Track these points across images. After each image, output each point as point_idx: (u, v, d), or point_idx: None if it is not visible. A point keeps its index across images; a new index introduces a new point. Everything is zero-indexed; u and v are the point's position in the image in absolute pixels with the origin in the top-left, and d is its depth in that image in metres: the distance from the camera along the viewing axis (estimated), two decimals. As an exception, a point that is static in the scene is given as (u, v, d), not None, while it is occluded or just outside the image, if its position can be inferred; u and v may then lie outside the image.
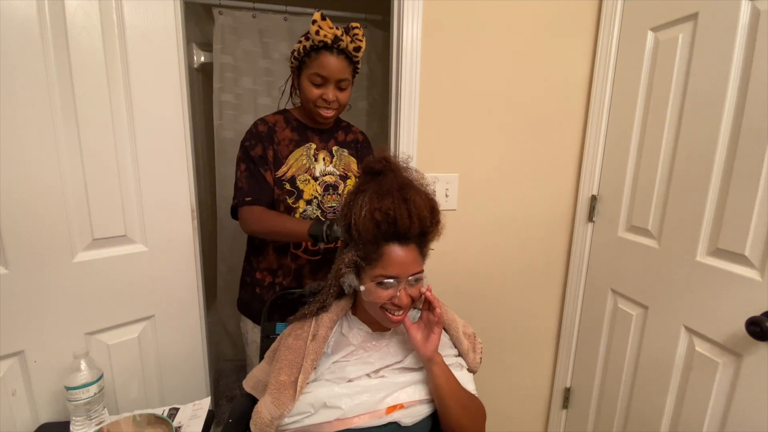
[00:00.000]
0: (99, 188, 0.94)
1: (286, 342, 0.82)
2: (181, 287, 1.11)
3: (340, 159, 1.17)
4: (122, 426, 0.88)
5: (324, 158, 1.15)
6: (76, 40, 0.87)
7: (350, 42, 1.01)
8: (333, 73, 1.02)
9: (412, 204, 0.72)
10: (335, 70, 1.02)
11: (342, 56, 1.02)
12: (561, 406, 1.53)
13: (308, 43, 1.00)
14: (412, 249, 0.75)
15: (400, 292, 0.75)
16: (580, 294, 1.42)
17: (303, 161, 1.11)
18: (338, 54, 1.01)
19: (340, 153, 1.18)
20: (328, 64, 1.01)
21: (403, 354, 0.82)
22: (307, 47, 1.01)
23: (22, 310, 0.87)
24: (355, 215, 0.74)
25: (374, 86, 2.10)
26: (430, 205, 0.76)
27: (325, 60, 1.00)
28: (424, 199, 0.76)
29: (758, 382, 0.84)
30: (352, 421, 0.74)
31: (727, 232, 0.91)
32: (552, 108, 1.33)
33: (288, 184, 1.09)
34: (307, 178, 1.11)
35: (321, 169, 1.13)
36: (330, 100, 1.04)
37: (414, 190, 0.75)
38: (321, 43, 0.99)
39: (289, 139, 1.11)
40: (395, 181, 0.76)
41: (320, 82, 1.03)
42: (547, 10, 1.25)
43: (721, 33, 0.92)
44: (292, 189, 1.09)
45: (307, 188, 1.10)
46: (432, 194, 0.80)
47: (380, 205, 0.72)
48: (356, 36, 1.01)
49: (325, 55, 1.00)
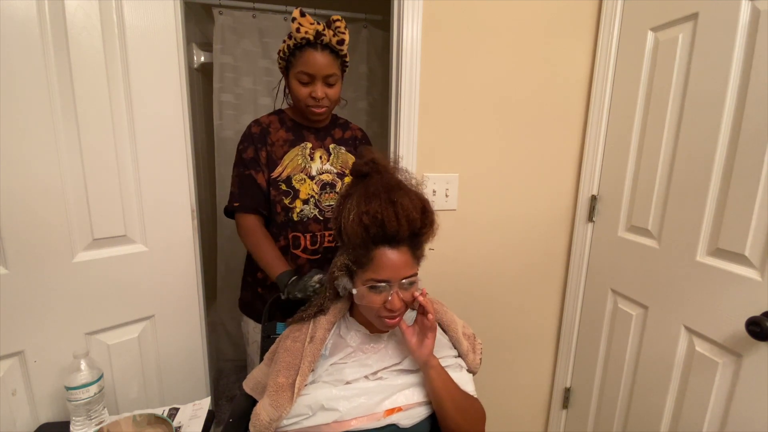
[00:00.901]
0: (99, 188, 0.94)
1: (284, 344, 0.82)
2: (181, 287, 1.11)
3: (337, 157, 1.17)
4: (122, 426, 0.88)
5: (321, 156, 1.14)
6: (76, 40, 0.87)
7: (333, 36, 0.99)
8: (319, 69, 1.01)
9: (400, 206, 0.71)
10: (321, 66, 1.01)
11: (326, 51, 1.01)
12: (561, 406, 1.53)
13: (291, 41, 1.00)
14: (403, 252, 0.74)
15: (393, 296, 0.73)
16: (580, 294, 1.42)
17: (298, 161, 1.11)
18: (322, 49, 1.00)
19: (338, 151, 1.17)
20: (312, 60, 1.00)
21: (401, 356, 0.82)
22: (291, 46, 1.00)
23: (22, 310, 0.87)
24: (344, 219, 0.73)
25: (374, 86, 2.10)
26: (420, 206, 0.75)
27: (309, 57, 0.99)
28: (413, 199, 0.74)
29: (758, 382, 0.84)
30: (350, 423, 0.73)
31: (727, 232, 0.91)
32: (552, 108, 1.33)
33: (284, 185, 1.09)
34: (303, 177, 1.11)
35: (317, 167, 1.13)
36: (319, 97, 1.03)
37: (402, 191, 0.74)
38: (303, 41, 0.98)
39: (284, 140, 1.11)
40: (382, 182, 0.75)
41: (307, 80, 1.02)
42: (547, 10, 1.25)
43: (721, 33, 0.92)
44: (288, 189, 1.09)
45: (303, 187, 1.10)
46: (423, 194, 0.78)
47: (367, 208, 0.71)
48: (338, 29, 1.00)
49: (309, 52, 0.99)
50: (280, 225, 1.11)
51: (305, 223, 1.11)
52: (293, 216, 1.10)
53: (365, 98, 2.10)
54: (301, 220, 1.10)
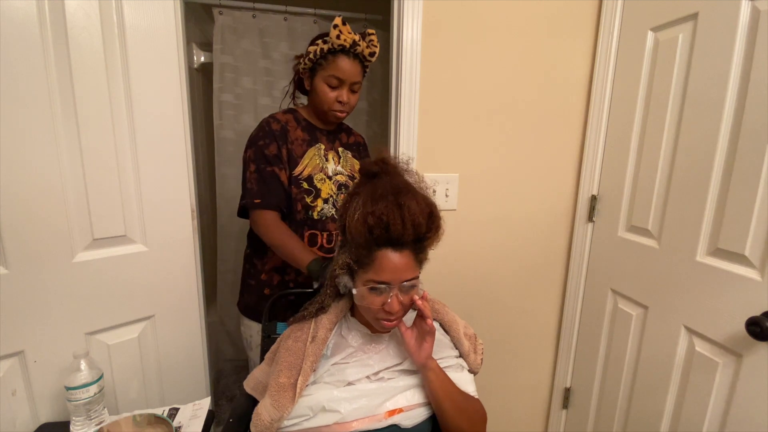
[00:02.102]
0: (99, 188, 0.94)
1: (286, 344, 0.82)
2: (181, 287, 1.11)
3: (346, 160, 1.19)
4: (122, 426, 0.88)
5: (333, 158, 1.16)
6: (76, 40, 0.87)
7: (366, 47, 1.05)
8: (349, 76, 1.05)
9: (407, 210, 0.70)
10: (351, 73, 1.05)
11: (357, 60, 1.06)
12: (561, 406, 1.53)
13: (326, 45, 1.02)
14: (406, 255, 0.73)
15: (392, 299, 0.73)
16: (580, 294, 1.42)
17: (317, 161, 1.13)
18: (353, 58, 1.05)
19: (345, 154, 1.20)
20: (345, 67, 1.04)
21: (402, 356, 0.82)
22: (325, 50, 1.03)
23: (22, 310, 0.87)
24: (349, 218, 0.72)
25: (374, 86, 2.10)
26: (427, 211, 0.74)
27: (342, 63, 1.04)
28: (420, 204, 0.73)
29: (758, 382, 0.84)
30: (351, 425, 0.73)
31: (727, 232, 0.91)
32: (552, 108, 1.33)
33: (305, 183, 1.10)
34: (323, 177, 1.13)
35: (332, 168, 1.15)
36: (345, 102, 1.08)
37: (410, 194, 0.72)
38: (340, 47, 1.02)
39: (302, 139, 1.12)
40: (391, 184, 0.73)
41: (336, 84, 1.06)
42: (547, 10, 1.25)
43: (721, 33, 0.92)
44: (310, 188, 1.10)
45: (324, 187, 1.12)
46: (431, 198, 0.77)
47: (373, 209, 0.70)
48: (372, 42, 1.06)
49: (343, 59, 1.03)
50: (298, 222, 1.11)
51: (323, 222, 1.12)
52: (313, 214, 1.11)
53: (365, 98, 2.10)
54: (321, 218, 1.12)
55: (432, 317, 0.77)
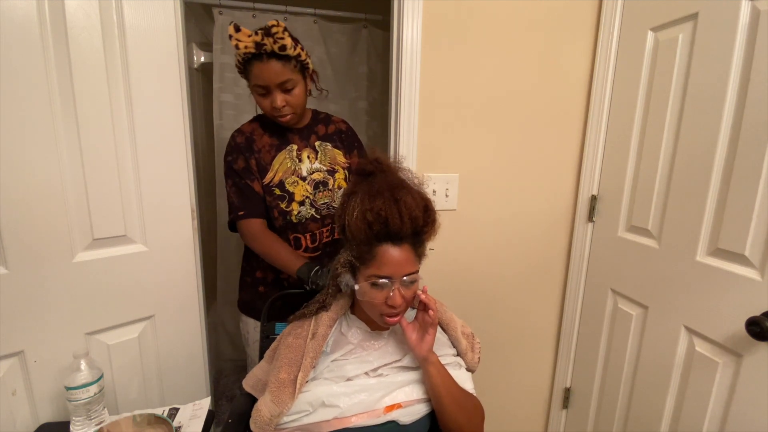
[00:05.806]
0: (99, 188, 0.94)
1: (286, 341, 0.83)
2: (181, 287, 1.11)
3: (324, 154, 1.16)
4: (122, 426, 0.88)
5: (308, 156, 1.14)
6: (76, 40, 0.87)
7: (273, 43, 0.94)
8: (269, 80, 0.98)
9: (403, 204, 0.73)
10: (270, 76, 0.98)
11: (273, 59, 0.96)
12: (561, 406, 1.53)
13: (238, 57, 0.98)
14: (405, 249, 0.75)
15: (394, 293, 0.74)
16: (580, 294, 1.42)
17: (287, 164, 1.11)
18: (268, 59, 0.96)
19: (324, 147, 1.17)
20: (260, 73, 0.97)
21: (401, 353, 0.82)
22: (240, 61, 0.99)
23: (22, 310, 0.87)
24: (348, 217, 0.75)
25: (374, 86, 2.10)
26: (422, 205, 0.76)
27: (256, 70, 0.98)
28: (416, 198, 0.76)
29: (758, 382, 0.84)
30: (350, 420, 0.74)
31: (727, 232, 0.91)
32: (552, 108, 1.33)
33: (278, 189, 1.09)
34: (295, 179, 1.11)
35: (307, 167, 1.13)
36: (279, 107, 1.01)
37: (405, 189, 0.76)
38: (248, 55, 0.96)
39: (270, 145, 1.11)
40: (386, 181, 0.76)
41: (263, 91, 1.01)
42: (547, 10, 1.25)
43: (721, 33, 0.92)
44: (283, 193, 1.09)
45: (297, 190, 1.10)
46: (425, 193, 0.80)
47: (371, 206, 0.72)
48: (276, 35, 0.93)
49: (256, 65, 0.97)
50: (279, 229, 1.11)
51: (304, 224, 1.11)
52: (292, 219, 1.10)
53: (365, 98, 2.10)
54: (300, 221, 1.11)
55: (435, 309, 0.78)
